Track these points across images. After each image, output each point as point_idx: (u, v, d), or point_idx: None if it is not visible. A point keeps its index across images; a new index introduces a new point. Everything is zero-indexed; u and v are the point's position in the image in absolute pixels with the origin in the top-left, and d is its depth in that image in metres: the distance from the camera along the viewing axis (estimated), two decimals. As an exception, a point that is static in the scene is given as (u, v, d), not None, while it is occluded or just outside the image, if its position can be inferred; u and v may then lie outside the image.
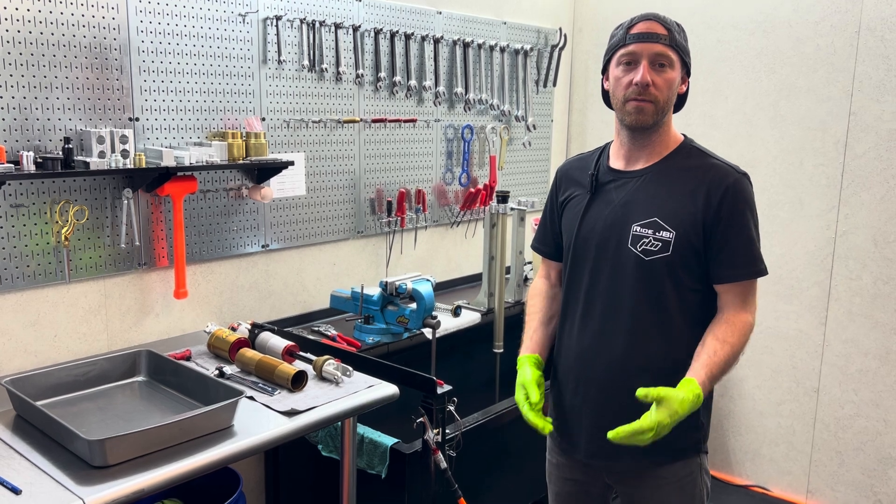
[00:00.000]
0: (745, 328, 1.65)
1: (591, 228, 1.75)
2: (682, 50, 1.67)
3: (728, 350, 1.61)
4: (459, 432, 2.26)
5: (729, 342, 1.62)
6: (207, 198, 2.44)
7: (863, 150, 3.01)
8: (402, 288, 2.54)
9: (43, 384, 1.89)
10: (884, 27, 2.91)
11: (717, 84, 3.35)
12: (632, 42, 1.64)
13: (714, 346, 1.62)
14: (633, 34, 1.65)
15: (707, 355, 1.61)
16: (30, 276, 2.07)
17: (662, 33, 1.63)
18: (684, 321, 1.69)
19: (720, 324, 1.65)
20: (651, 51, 1.63)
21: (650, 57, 1.63)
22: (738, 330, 1.64)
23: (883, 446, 3.07)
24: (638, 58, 1.64)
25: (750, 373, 3.40)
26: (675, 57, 1.65)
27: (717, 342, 1.62)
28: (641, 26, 1.65)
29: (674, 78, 1.65)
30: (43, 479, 1.51)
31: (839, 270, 3.11)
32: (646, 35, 1.63)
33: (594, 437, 1.79)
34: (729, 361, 1.62)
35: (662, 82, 1.63)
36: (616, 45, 1.69)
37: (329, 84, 2.74)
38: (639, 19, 1.66)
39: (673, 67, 1.65)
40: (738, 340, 1.63)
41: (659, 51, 1.63)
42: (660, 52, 1.63)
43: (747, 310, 1.66)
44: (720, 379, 1.64)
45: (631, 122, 1.67)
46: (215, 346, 2.19)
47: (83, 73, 2.10)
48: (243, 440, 1.71)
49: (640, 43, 1.63)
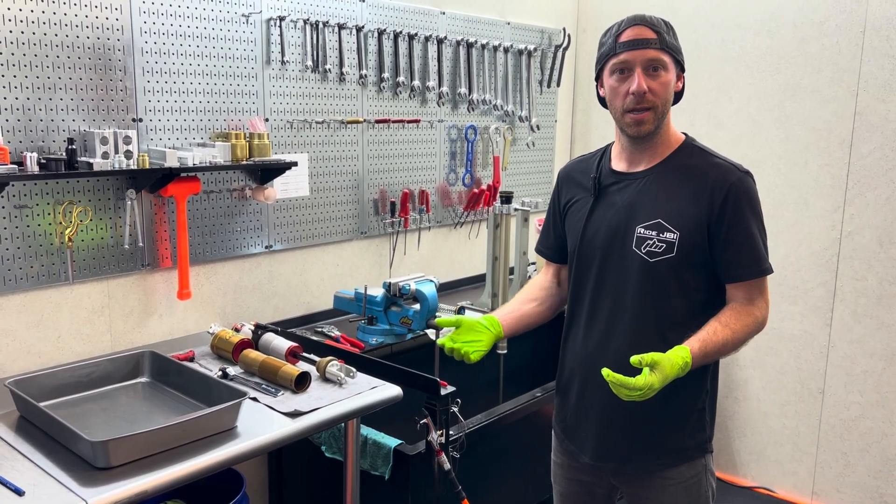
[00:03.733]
0: (750, 320, 1.64)
1: (595, 231, 1.75)
2: (674, 50, 1.65)
3: (728, 334, 1.60)
4: (463, 433, 2.25)
5: (730, 327, 1.61)
6: (211, 198, 2.44)
7: (868, 150, 2.99)
8: (406, 289, 2.53)
9: (46, 385, 1.89)
10: (889, 27, 2.90)
11: (721, 84, 3.34)
12: (622, 50, 1.62)
13: (715, 327, 1.61)
14: (622, 42, 1.63)
15: (706, 332, 1.60)
16: (33, 277, 2.07)
17: (652, 38, 1.61)
18: (690, 323, 1.68)
19: (726, 310, 1.65)
20: (643, 57, 1.61)
21: (643, 63, 1.61)
22: (742, 318, 1.63)
23: (888, 447, 3.06)
24: (631, 66, 1.62)
25: (755, 374, 3.39)
26: (667, 59, 1.63)
27: (718, 324, 1.61)
28: (630, 33, 1.62)
29: (669, 80, 1.64)
30: (46, 481, 1.51)
31: (844, 271, 3.09)
32: (636, 42, 1.61)
33: (601, 440, 1.78)
34: (726, 345, 1.60)
35: (658, 86, 1.62)
36: (607, 54, 1.67)
37: (332, 85, 2.74)
38: (626, 25, 1.64)
39: (667, 69, 1.63)
40: (740, 328, 1.62)
41: (651, 56, 1.61)
42: (652, 58, 1.61)
43: (755, 305, 1.66)
44: (713, 359, 1.63)
45: (633, 133, 1.67)
46: (219, 347, 2.19)
47: (87, 73, 2.10)
48: (247, 441, 1.71)
49: (632, 51, 1.61)
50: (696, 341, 1.58)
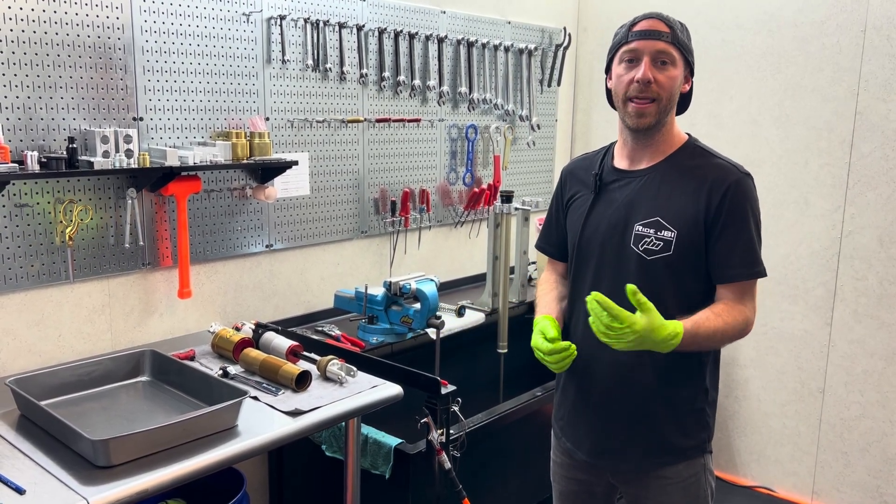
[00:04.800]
0: (741, 317, 1.63)
1: (595, 228, 1.75)
2: (685, 48, 1.66)
3: (720, 323, 1.60)
4: (464, 433, 2.26)
5: (723, 318, 1.61)
6: (211, 197, 2.44)
7: (869, 149, 2.99)
8: (406, 288, 2.53)
9: (47, 384, 1.89)
10: (890, 26, 2.90)
11: (722, 84, 3.34)
12: (634, 39, 1.64)
13: (708, 315, 1.61)
14: (635, 31, 1.65)
15: (699, 316, 1.60)
16: (34, 276, 2.07)
17: (665, 31, 1.63)
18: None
19: (718, 303, 1.65)
20: (653, 48, 1.63)
21: (652, 54, 1.63)
22: (734, 313, 1.62)
23: (889, 447, 3.06)
24: (640, 55, 1.64)
25: (755, 373, 3.39)
26: (677, 55, 1.64)
27: (711, 314, 1.61)
28: (644, 24, 1.65)
29: (676, 76, 1.65)
30: (47, 479, 1.51)
31: (845, 271, 3.09)
32: (648, 32, 1.63)
33: (597, 437, 1.79)
34: (717, 333, 1.60)
35: (664, 79, 1.63)
36: (619, 42, 1.69)
37: (333, 84, 2.74)
38: (642, 17, 1.66)
39: (675, 65, 1.64)
40: (731, 320, 1.61)
41: (661, 48, 1.63)
42: (661, 50, 1.63)
43: (745, 304, 1.65)
44: (701, 345, 1.62)
45: (633, 124, 1.67)
46: (219, 346, 2.19)
47: (87, 72, 2.10)
48: (247, 440, 1.71)
49: (643, 40, 1.63)
50: (689, 322, 1.58)
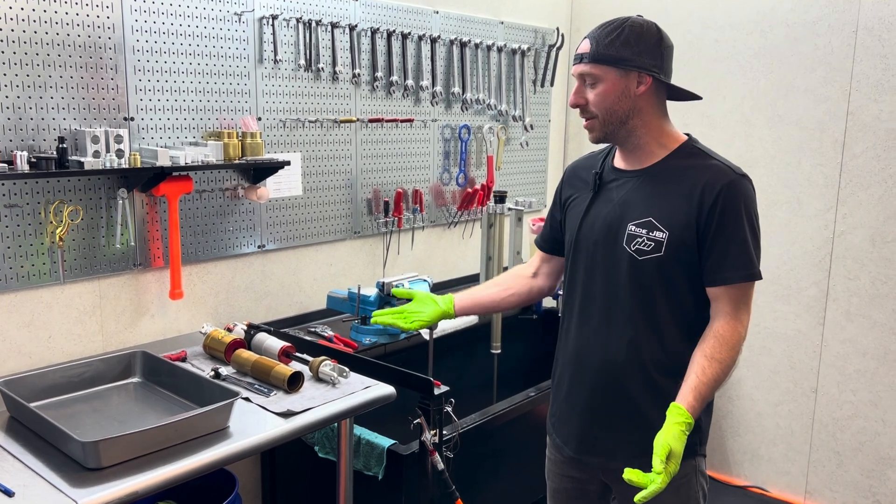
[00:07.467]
0: (734, 342, 1.62)
1: (590, 226, 1.76)
2: (612, 59, 1.63)
3: (717, 368, 1.59)
4: (457, 433, 2.25)
5: (717, 359, 1.60)
6: (203, 198, 2.43)
7: (861, 149, 3.00)
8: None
9: (37, 386, 1.88)
10: (881, 26, 2.91)
11: (714, 84, 3.34)
12: (573, 63, 1.73)
13: (703, 365, 1.60)
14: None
15: (695, 375, 1.59)
16: (24, 277, 2.05)
17: (586, 52, 1.67)
18: (678, 322, 1.68)
19: (709, 339, 1.63)
20: (577, 72, 1.70)
21: (580, 78, 1.70)
22: (727, 344, 1.61)
23: (881, 447, 3.07)
24: (575, 79, 1.72)
25: (748, 373, 3.40)
26: (599, 71, 1.65)
27: (705, 360, 1.60)
28: (578, 48, 1.71)
29: (605, 90, 1.65)
30: (36, 482, 1.50)
31: (837, 270, 3.10)
32: (576, 56, 1.71)
33: (585, 434, 1.80)
34: (718, 379, 1.60)
35: (594, 97, 1.68)
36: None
37: (325, 84, 2.73)
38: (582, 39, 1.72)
39: (602, 81, 1.65)
40: (727, 356, 1.60)
41: (582, 70, 1.68)
42: (583, 72, 1.68)
43: (739, 319, 1.63)
44: (711, 397, 1.62)
45: (589, 139, 1.76)
46: (211, 347, 2.18)
47: (77, 72, 2.09)
48: (239, 441, 1.70)
49: (574, 65, 1.72)
50: (690, 392, 1.57)
